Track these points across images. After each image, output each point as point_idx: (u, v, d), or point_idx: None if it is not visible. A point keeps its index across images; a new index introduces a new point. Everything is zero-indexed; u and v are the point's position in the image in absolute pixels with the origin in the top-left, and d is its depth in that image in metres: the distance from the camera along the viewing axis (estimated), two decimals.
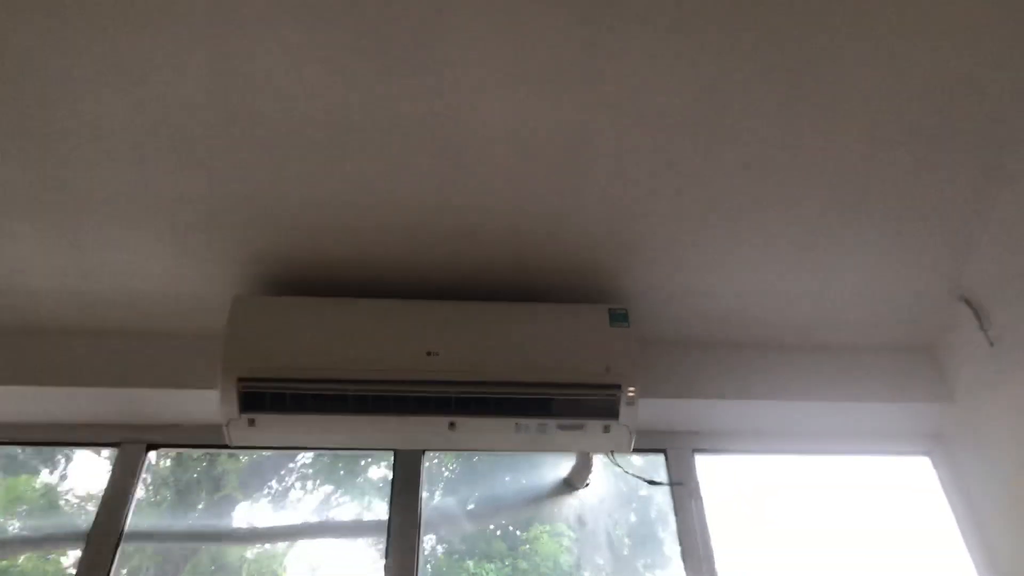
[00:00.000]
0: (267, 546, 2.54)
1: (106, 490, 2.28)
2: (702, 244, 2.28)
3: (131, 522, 2.27)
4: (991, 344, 2.27)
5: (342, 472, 2.71)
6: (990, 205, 2.22)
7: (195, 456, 2.60)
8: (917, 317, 2.47)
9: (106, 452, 2.44)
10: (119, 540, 2.21)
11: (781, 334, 2.49)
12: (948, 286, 2.39)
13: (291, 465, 2.70)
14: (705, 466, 2.46)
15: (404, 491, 2.36)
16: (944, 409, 2.44)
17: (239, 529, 2.54)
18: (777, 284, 2.38)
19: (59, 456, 2.55)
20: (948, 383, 2.46)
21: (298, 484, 2.70)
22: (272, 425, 2.12)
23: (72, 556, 2.28)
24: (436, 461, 2.57)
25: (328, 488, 2.70)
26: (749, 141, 2.06)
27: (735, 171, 2.12)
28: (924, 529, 2.42)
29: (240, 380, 2.05)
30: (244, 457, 2.64)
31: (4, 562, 2.36)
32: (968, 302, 2.35)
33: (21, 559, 2.36)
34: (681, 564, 2.29)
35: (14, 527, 2.45)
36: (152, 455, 2.46)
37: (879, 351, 2.51)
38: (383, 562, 2.25)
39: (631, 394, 2.14)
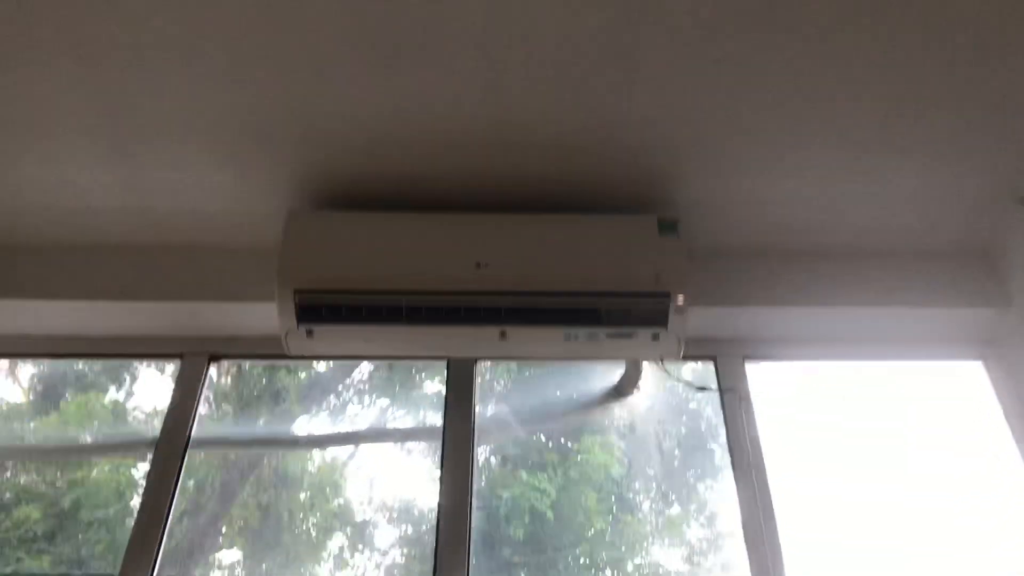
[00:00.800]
0: (327, 459, 2.62)
1: (171, 400, 2.36)
2: (753, 150, 2.25)
3: (196, 432, 2.35)
4: None
5: (397, 387, 2.77)
6: None
7: (255, 373, 2.68)
8: (973, 220, 2.43)
9: (169, 369, 2.52)
10: (186, 447, 2.29)
11: (833, 240, 2.47)
12: (1006, 188, 2.34)
13: (348, 380, 2.77)
14: (756, 374, 2.47)
15: (458, 402, 2.41)
16: (999, 314, 2.40)
17: (299, 437, 2.62)
18: (830, 189, 2.35)
19: (125, 374, 2.64)
20: (1004, 287, 2.42)
21: (355, 399, 2.77)
22: (329, 336, 2.17)
23: (142, 469, 2.37)
24: (488, 377, 2.62)
25: (384, 402, 2.76)
26: (802, 37, 2.01)
27: (787, 71, 2.07)
28: (975, 435, 2.42)
29: (297, 292, 2.10)
30: (303, 373, 2.71)
31: (79, 472, 2.47)
32: None
33: (94, 471, 2.47)
34: (731, 473, 2.31)
35: (87, 441, 2.56)
36: (214, 370, 2.53)
37: (933, 256, 2.48)
38: (439, 472, 2.31)
39: (680, 302, 2.14)
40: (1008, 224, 2.39)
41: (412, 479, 2.51)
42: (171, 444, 2.28)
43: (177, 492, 2.22)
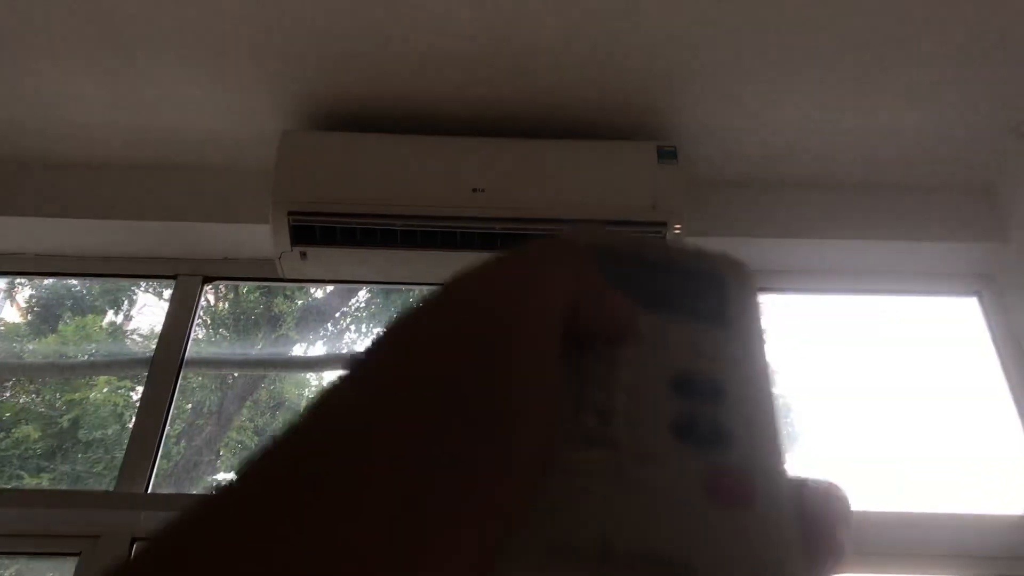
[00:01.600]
0: (325, 383, 2.63)
1: (165, 321, 2.37)
2: (755, 78, 2.22)
3: (191, 354, 2.36)
4: None
5: (395, 314, 2.78)
6: None
7: (252, 298, 2.68)
8: (974, 155, 2.40)
9: (166, 293, 2.52)
10: (180, 367, 2.30)
11: (833, 172, 2.45)
12: (1009, 122, 2.31)
13: (345, 308, 2.77)
14: None
15: None
16: (996, 249, 2.39)
17: (295, 358, 2.63)
18: (831, 120, 2.32)
19: (123, 297, 2.64)
20: (1002, 223, 2.41)
21: (353, 326, 2.78)
22: (323, 258, 2.17)
23: (139, 391, 2.39)
24: None
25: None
26: None
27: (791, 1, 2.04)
28: (969, 369, 2.42)
29: (291, 214, 2.10)
30: (300, 300, 2.72)
31: (78, 394, 2.49)
32: None
33: (93, 392, 2.49)
34: None
35: (85, 360, 2.57)
36: (210, 294, 2.53)
37: (934, 190, 2.47)
38: None
39: (677, 231, 2.14)
40: (1008, 159, 2.36)
41: None
42: (165, 364, 2.28)
43: (171, 412, 2.23)
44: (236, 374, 2.62)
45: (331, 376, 2.59)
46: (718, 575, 0.26)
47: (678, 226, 2.14)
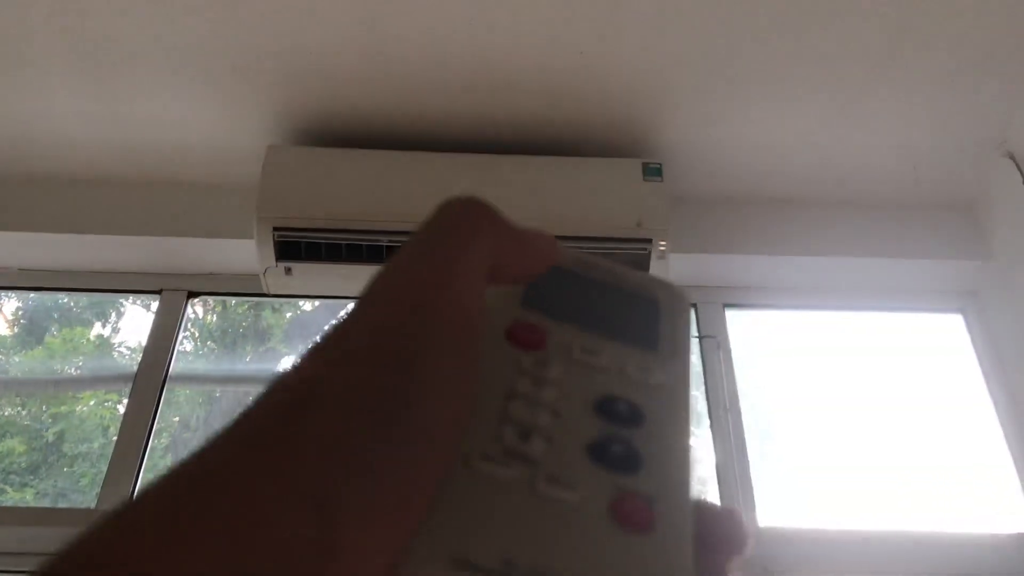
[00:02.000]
0: None
1: (150, 336, 2.36)
2: (739, 96, 2.23)
3: (177, 369, 2.36)
4: None
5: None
6: None
7: (240, 311, 2.68)
8: (959, 173, 2.41)
9: (155, 305, 2.52)
10: (163, 383, 2.30)
11: (817, 189, 2.46)
12: (993, 141, 2.32)
13: (334, 320, 2.77)
14: (736, 321, 2.47)
15: None
16: (981, 267, 2.40)
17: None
18: (815, 137, 2.33)
19: (110, 309, 2.64)
20: (986, 241, 2.41)
21: None
22: (308, 274, 2.17)
23: (126, 404, 2.38)
24: None
25: None
26: None
27: (774, 17, 2.05)
28: (953, 387, 2.43)
29: (276, 229, 2.10)
30: (289, 312, 2.71)
31: (63, 407, 2.48)
32: (1013, 157, 2.29)
33: (79, 405, 2.48)
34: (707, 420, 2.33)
35: (71, 375, 2.56)
36: (198, 308, 2.53)
37: (918, 207, 2.47)
38: None
39: (662, 248, 2.14)
40: (993, 178, 2.37)
41: None
42: (148, 380, 2.28)
43: (155, 428, 2.22)
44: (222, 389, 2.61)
45: None
46: None
47: (663, 243, 2.15)
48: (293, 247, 2.12)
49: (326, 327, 0.31)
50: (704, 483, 2.22)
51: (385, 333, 0.29)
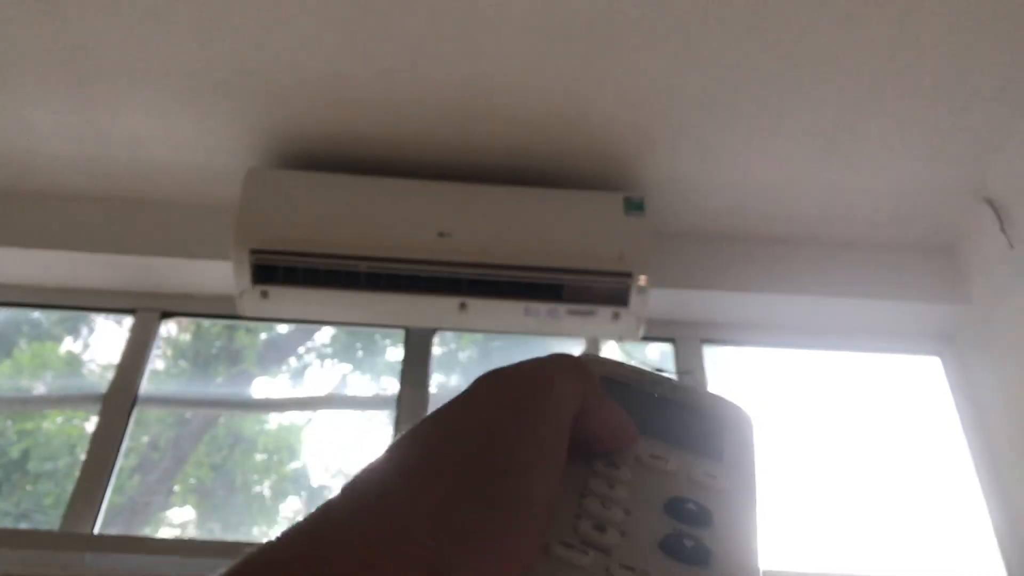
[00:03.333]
0: (284, 422, 2.60)
1: (122, 355, 2.33)
2: (723, 134, 2.25)
3: (148, 389, 2.32)
4: (1011, 247, 2.23)
5: (360, 352, 2.76)
6: (1022, 103, 2.15)
7: (214, 331, 2.65)
8: (938, 216, 2.43)
9: (126, 323, 2.48)
10: (133, 404, 2.26)
11: (798, 228, 2.47)
12: (972, 186, 2.34)
13: (309, 343, 2.74)
14: (714, 357, 2.47)
15: (414, 371, 2.39)
16: (959, 310, 2.41)
17: (254, 399, 2.60)
18: (797, 177, 2.35)
19: (82, 325, 2.60)
20: (964, 284, 2.43)
21: (315, 362, 2.75)
22: (285, 298, 2.15)
23: (94, 422, 2.35)
24: (453, 346, 2.60)
25: (346, 367, 2.74)
26: (777, 28, 2.01)
27: (761, 58, 2.06)
28: (930, 429, 2.43)
29: (253, 252, 2.07)
30: (263, 334, 2.69)
31: (30, 424, 2.44)
32: (991, 203, 2.31)
33: (45, 423, 2.44)
34: None
35: (39, 391, 2.52)
36: (171, 327, 2.50)
37: (897, 249, 2.49)
38: (393, 438, 2.29)
39: (642, 283, 2.14)
40: (972, 223, 2.39)
41: (370, 446, 2.50)
42: (118, 401, 2.25)
43: (124, 449, 2.19)
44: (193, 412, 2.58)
45: (290, 417, 2.57)
46: None
47: (643, 277, 2.14)
48: (270, 270, 2.10)
49: (433, 412, 0.35)
50: None
51: (478, 422, 0.34)
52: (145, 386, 2.31)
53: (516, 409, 0.34)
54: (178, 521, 2.40)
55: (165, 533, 2.32)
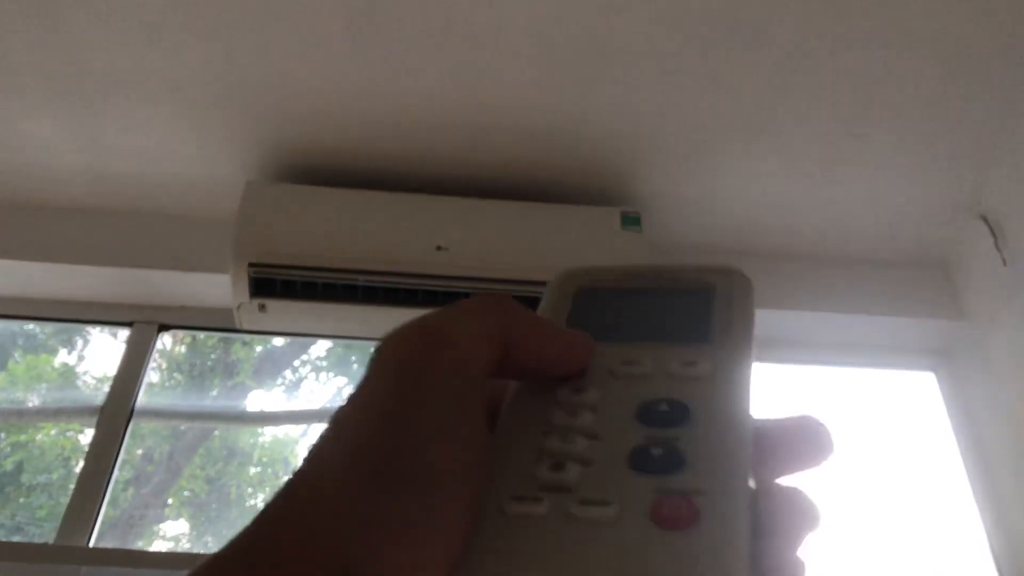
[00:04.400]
0: (279, 434, 2.59)
1: (119, 368, 2.33)
2: (720, 150, 2.26)
3: (144, 402, 2.32)
4: (1005, 263, 2.25)
5: (356, 365, 2.75)
6: (1017, 120, 2.17)
7: (209, 343, 2.65)
8: (932, 232, 2.44)
9: (122, 335, 2.48)
10: (130, 417, 2.26)
11: (792, 244, 2.48)
12: (966, 203, 2.36)
13: (305, 356, 2.74)
14: None
15: None
16: (953, 326, 2.42)
17: (250, 412, 2.59)
18: (792, 194, 2.36)
19: (77, 337, 2.59)
20: (959, 300, 2.44)
21: (311, 376, 2.74)
22: (283, 311, 2.15)
23: (89, 434, 2.34)
24: None
25: (341, 381, 2.74)
26: (772, 46, 2.02)
27: (756, 76, 2.08)
28: (924, 444, 2.43)
29: (251, 265, 2.07)
30: (259, 347, 2.68)
31: (23, 436, 2.43)
32: (986, 219, 2.32)
33: (39, 435, 2.43)
34: None
35: (34, 403, 2.51)
36: (167, 339, 2.50)
37: (891, 265, 2.50)
38: None
39: None
40: (966, 239, 2.40)
41: None
42: (115, 413, 2.24)
43: (119, 462, 2.18)
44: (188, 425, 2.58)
45: (285, 430, 2.57)
46: None
47: None
48: (268, 284, 2.10)
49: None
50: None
51: (378, 397, 0.32)
52: (141, 399, 2.30)
53: (412, 373, 0.32)
54: (172, 534, 2.39)
55: (159, 546, 2.31)
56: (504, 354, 0.34)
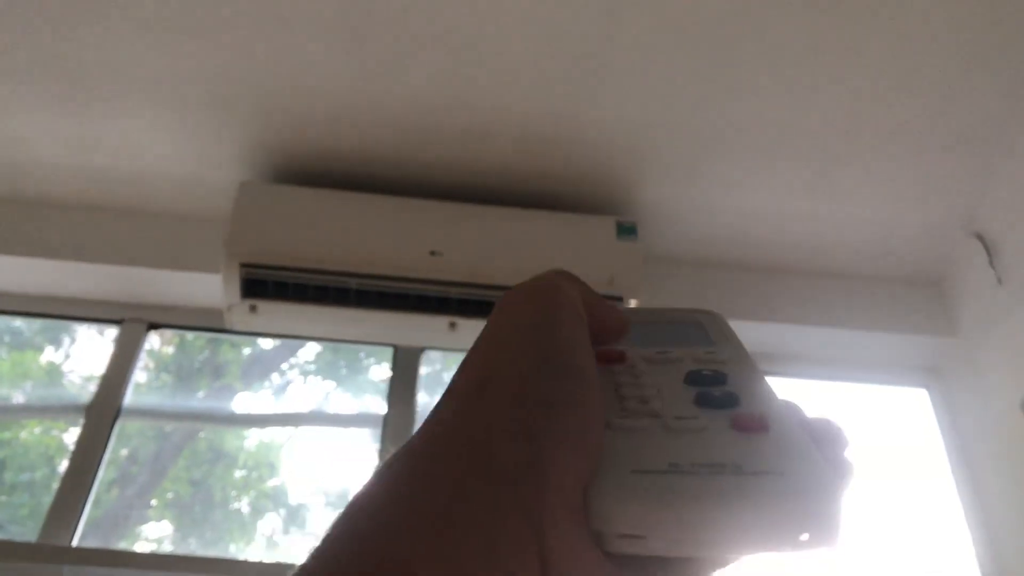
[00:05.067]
0: (265, 438, 2.57)
1: (106, 367, 2.31)
2: (716, 161, 2.26)
3: (131, 402, 2.30)
4: (999, 282, 2.25)
5: (344, 370, 2.74)
6: (1013, 138, 2.18)
7: (198, 344, 2.63)
8: (927, 249, 2.45)
9: (109, 333, 2.46)
10: (116, 416, 2.24)
11: (788, 258, 2.48)
12: (962, 220, 2.36)
13: (293, 359, 2.72)
14: None
15: (401, 390, 2.38)
16: (946, 343, 2.43)
17: (236, 414, 2.57)
18: (789, 207, 2.36)
19: (63, 335, 2.57)
20: (952, 317, 2.44)
21: (299, 379, 2.73)
22: (274, 312, 2.14)
23: (73, 433, 2.32)
24: (439, 366, 2.59)
25: (329, 384, 2.72)
26: (769, 59, 2.03)
27: (754, 88, 2.08)
28: (916, 460, 2.43)
29: (243, 265, 2.06)
30: (247, 349, 2.67)
31: (7, 433, 2.40)
32: (981, 238, 2.33)
33: (23, 433, 2.41)
34: None
35: (19, 400, 2.49)
36: (155, 339, 2.48)
37: (887, 281, 2.50)
38: (378, 457, 2.28)
39: (633, 306, 2.14)
40: (961, 256, 2.41)
41: (352, 464, 2.48)
42: (101, 412, 2.22)
43: (104, 461, 2.16)
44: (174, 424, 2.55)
45: (271, 433, 2.55)
46: (762, 468, 0.33)
47: (634, 301, 2.14)
48: (260, 285, 2.08)
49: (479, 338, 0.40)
50: None
51: (524, 319, 0.39)
52: (128, 398, 2.28)
53: (544, 304, 0.39)
54: (155, 536, 2.37)
55: (142, 547, 2.29)
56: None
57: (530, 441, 0.32)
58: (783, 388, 0.39)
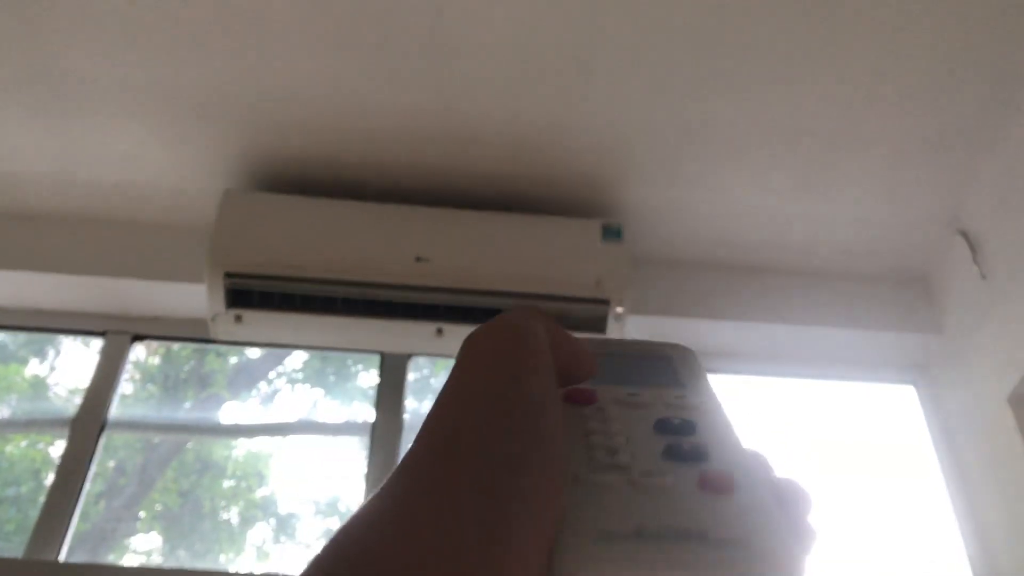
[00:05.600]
0: (253, 448, 2.56)
1: (92, 379, 2.29)
2: (702, 163, 2.26)
3: (117, 414, 2.28)
4: (983, 277, 2.26)
5: (332, 378, 2.73)
6: (996, 136, 2.19)
7: (184, 354, 2.61)
8: (912, 247, 2.46)
9: (95, 344, 2.44)
10: (102, 428, 2.22)
11: (774, 258, 2.48)
12: (946, 218, 2.37)
13: (280, 368, 2.71)
14: None
15: (389, 397, 2.37)
16: (932, 340, 2.44)
17: (224, 425, 2.56)
18: (775, 207, 2.37)
19: (48, 347, 2.55)
20: (938, 314, 2.46)
21: (287, 387, 2.72)
22: (259, 322, 2.12)
23: (59, 446, 2.30)
24: (426, 372, 2.59)
25: (317, 392, 2.71)
26: (755, 61, 2.03)
27: (738, 90, 2.08)
28: (904, 457, 2.44)
29: (227, 275, 2.05)
30: (233, 358, 2.65)
31: None
32: (965, 235, 2.34)
33: (8, 447, 2.39)
34: None
35: (3, 414, 2.47)
36: (140, 350, 2.46)
37: (872, 279, 2.51)
38: (366, 465, 2.27)
39: (620, 310, 2.14)
40: (946, 254, 2.42)
41: (341, 473, 2.47)
42: (86, 425, 2.20)
43: (91, 474, 2.15)
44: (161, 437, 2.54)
45: (259, 442, 2.54)
46: (727, 535, 0.33)
47: (620, 305, 2.14)
48: (245, 294, 2.07)
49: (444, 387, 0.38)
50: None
51: (492, 370, 0.38)
52: (114, 410, 2.27)
53: (514, 355, 0.39)
54: (144, 548, 2.35)
55: (130, 561, 2.27)
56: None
57: (496, 501, 0.31)
58: (771, 388, 0.38)
